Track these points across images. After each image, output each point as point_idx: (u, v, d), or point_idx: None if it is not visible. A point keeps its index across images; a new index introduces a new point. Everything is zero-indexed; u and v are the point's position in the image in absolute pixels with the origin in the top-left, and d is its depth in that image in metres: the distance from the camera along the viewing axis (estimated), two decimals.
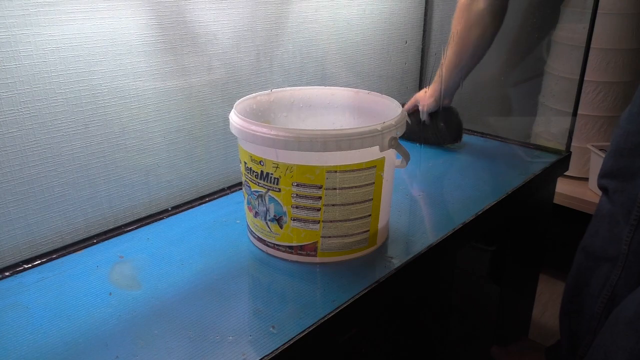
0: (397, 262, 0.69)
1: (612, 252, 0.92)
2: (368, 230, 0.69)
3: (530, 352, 1.13)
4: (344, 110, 0.82)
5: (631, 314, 0.80)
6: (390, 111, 0.73)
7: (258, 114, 0.77)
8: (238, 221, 0.79)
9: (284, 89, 0.81)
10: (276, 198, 0.66)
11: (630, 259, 0.89)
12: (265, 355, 0.53)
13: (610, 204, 0.93)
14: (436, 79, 1.05)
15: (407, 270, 0.69)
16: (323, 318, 0.59)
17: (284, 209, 0.66)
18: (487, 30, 0.99)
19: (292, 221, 0.67)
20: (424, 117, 1.06)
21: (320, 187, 0.64)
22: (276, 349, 0.54)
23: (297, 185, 0.64)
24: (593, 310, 0.96)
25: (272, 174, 0.65)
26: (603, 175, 0.94)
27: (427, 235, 0.76)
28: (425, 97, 1.06)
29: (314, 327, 0.57)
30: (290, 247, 0.69)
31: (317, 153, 0.62)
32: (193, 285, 0.65)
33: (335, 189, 0.65)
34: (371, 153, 0.65)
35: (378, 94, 0.79)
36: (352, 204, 0.66)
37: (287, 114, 0.81)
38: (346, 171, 0.64)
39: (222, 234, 0.76)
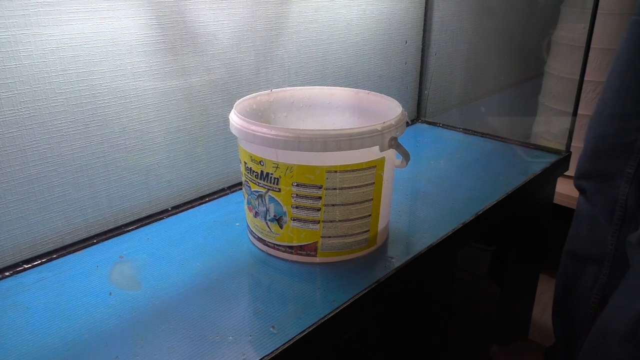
0: (397, 262, 0.69)
1: (597, 253, 0.92)
2: (368, 231, 0.69)
3: (529, 352, 1.13)
4: (344, 111, 0.82)
5: (626, 328, 0.78)
6: (390, 111, 0.73)
7: (258, 114, 0.77)
8: (237, 224, 0.79)
9: (284, 88, 0.81)
10: (276, 198, 0.66)
11: (618, 259, 0.90)
12: (265, 355, 0.53)
13: (590, 205, 0.93)
14: None
15: (407, 270, 0.69)
16: (323, 318, 0.59)
17: (284, 209, 0.66)
18: None
19: (292, 221, 0.67)
20: None
21: (320, 187, 0.64)
22: (276, 349, 0.54)
23: (297, 185, 0.64)
24: (585, 311, 0.96)
25: (272, 174, 0.65)
26: (580, 176, 0.94)
27: (427, 235, 0.76)
28: None
29: (314, 327, 0.57)
30: (290, 247, 0.69)
31: (317, 153, 0.62)
32: (193, 285, 0.65)
33: (335, 189, 0.65)
34: (371, 153, 0.65)
35: (378, 94, 0.79)
36: (352, 204, 0.66)
37: (288, 114, 0.81)
38: (346, 171, 0.64)
39: (222, 234, 0.76)
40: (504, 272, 1.05)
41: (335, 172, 0.64)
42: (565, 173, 1.14)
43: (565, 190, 1.42)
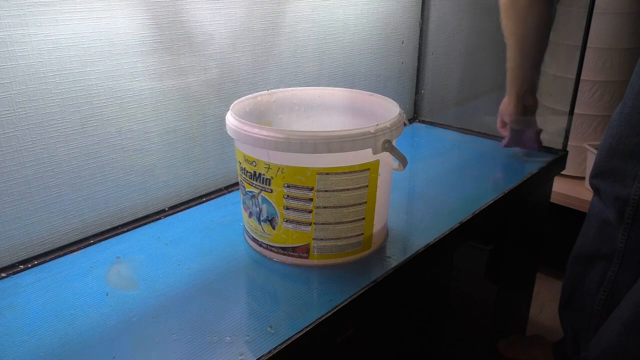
0: (394, 262, 0.69)
1: (605, 251, 0.93)
2: (362, 234, 0.69)
3: (537, 347, 1.13)
4: (345, 112, 0.82)
5: (629, 315, 0.81)
6: (390, 113, 0.72)
7: (257, 115, 0.77)
8: (241, 224, 0.79)
9: (286, 89, 0.81)
10: (268, 199, 0.66)
11: (627, 256, 0.90)
12: (263, 355, 0.53)
13: (602, 204, 0.94)
14: (508, 87, 1.00)
15: (404, 270, 0.69)
16: (320, 318, 0.59)
17: (276, 210, 0.66)
18: (541, 13, 0.92)
19: (284, 222, 0.66)
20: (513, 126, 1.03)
21: (312, 189, 0.64)
22: (274, 349, 0.54)
23: (288, 186, 0.64)
24: (592, 307, 0.97)
25: (264, 174, 0.65)
26: (594, 175, 0.95)
27: (424, 235, 0.76)
28: (504, 108, 1.02)
29: (311, 327, 0.57)
30: (283, 249, 0.68)
31: (308, 155, 0.62)
32: (190, 285, 0.65)
33: (326, 191, 0.64)
34: (364, 156, 0.64)
35: (381, 95, 0.78)
36: (345, 206, 0.66)
37: (288, 115, 0.81)
38: (338, 173, 0.64)
39: (219, 234, 0.76)
40: (501, 271, 1.05)
41: (327, 174, 0.63)
42: (562, 172, 1.15)
43: (562, 189, 1.42)
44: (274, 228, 0.67)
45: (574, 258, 1.02)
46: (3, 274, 0.68)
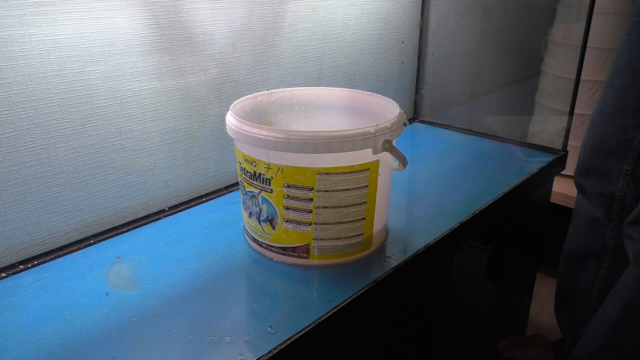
0: (394, 262, 0.69)
1: (596, 248, 0.94)
2: (362, 234, 0.69)
3: (537, 347, 1.14)
4: (345, 112, 0.82)
5: (617, 316, 0.81)
6: (390, 113, 0.72)
7: (257, 115, 0.77)
8: (241, 224, 0.79)
9: (285, 89, 0.81)
10: (268, 199, 0.66)
11: (618, 251, 0.91)
12: (263, 355, 0.53)
13: (588, 202, 0.94)
14: None
15: (404, 270, 0.69)
16: (320, 318, 0.59)
17: (276, 210, 0.66)
18: None
19: (284, 222, 0.66)
20: None
21: (312, 189, 0.64)
22: (274, 349, 0.54)
23: (288, 186, 0.64)
24: (588, 305, 0.97)
25: (264, 174, 0.65)
26: (579, 173, 0.95)
27: (425, 235, 0.76)
28: None
29: (311, 326, 0.57)
30: (283, 249, 0.68)
31: (308, 155, 0.62)
32: (190, 285, 0.65)
33: (326, 191, 0.64)
34: (364, 156, 0.64)
35: (381, 95, 0.78)
36: (345, 206, 0.66)
37: (288, 115, 0.81)
38: (338, 173, 0.64)
39: (219, 234, 0.76)
40: (501, 271, 1.05)
41: (327, 174, 0.63)
42: (562, 172, 1.15)
43: (562, 189, 1.42)
44: (274, 228, 0.67)
45: (565, 258, 1.02)
46: (3, 274, 0.68)
